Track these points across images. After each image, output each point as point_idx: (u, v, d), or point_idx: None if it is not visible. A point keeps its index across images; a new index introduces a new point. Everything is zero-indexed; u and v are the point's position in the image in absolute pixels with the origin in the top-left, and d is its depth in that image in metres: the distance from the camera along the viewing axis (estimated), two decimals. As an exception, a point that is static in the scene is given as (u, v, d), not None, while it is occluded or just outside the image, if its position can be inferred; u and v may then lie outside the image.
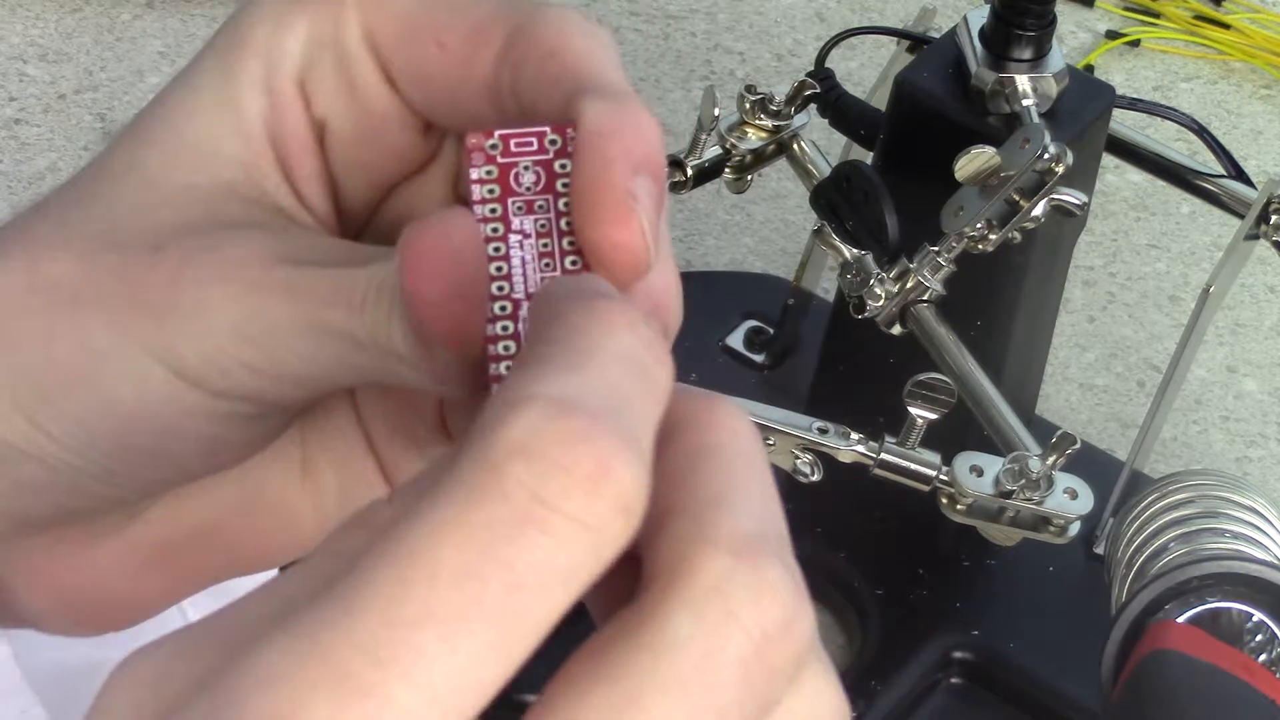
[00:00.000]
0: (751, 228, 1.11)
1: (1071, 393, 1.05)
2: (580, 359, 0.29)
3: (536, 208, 0.33)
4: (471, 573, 0.27)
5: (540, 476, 0.27)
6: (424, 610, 0.27)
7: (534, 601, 0.27)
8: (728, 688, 0.28)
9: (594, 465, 0.27)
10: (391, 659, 0.26)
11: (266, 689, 0.27)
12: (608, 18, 1.22)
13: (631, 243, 0.33)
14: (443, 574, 0.27)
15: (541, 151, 0.33)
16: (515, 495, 0.27)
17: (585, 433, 0.27)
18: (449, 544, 0.27)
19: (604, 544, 0.28)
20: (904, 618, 0.91)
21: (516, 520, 0.27)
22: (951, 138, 0.82)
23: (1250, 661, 0.79)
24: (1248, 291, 1.11)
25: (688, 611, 0.28)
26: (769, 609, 0.28)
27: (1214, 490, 0.85)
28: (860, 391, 0.90)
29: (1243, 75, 1.23)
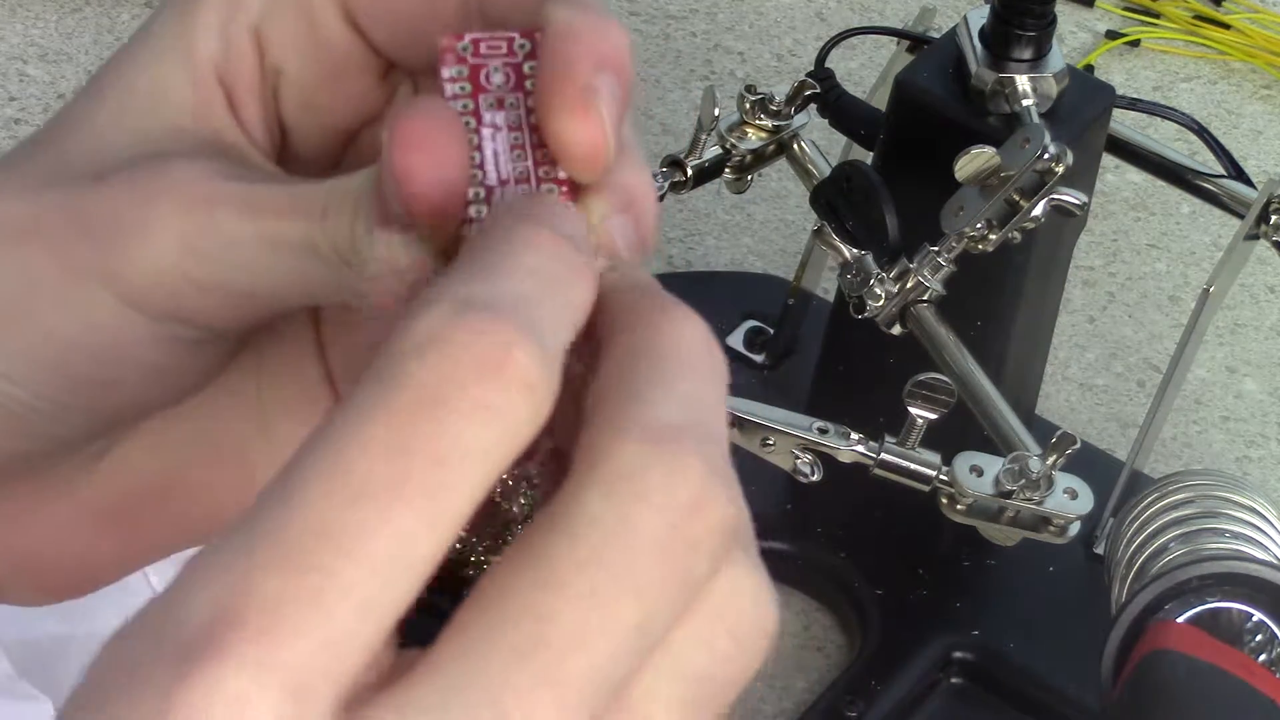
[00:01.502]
0: (751, 228, 1.11)
1: (1071, 393, 1.05)
2: (492, 269, 0.31)
3: (507, 104, 0.35)
4: (396, 449, 0.29)
5: (448, 363, 0.29)
6: (357, 488, 0.28)
7: (456, 476, 0.29)
8: (644, 565, 0.29)
9: (495, 351, 0.29)
10: (331, 535, 0.28)
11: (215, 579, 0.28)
12: (608, 18, 1.22)
13: (590, 134, 0.34)
14: (371, 453, 0.29)
15: (511, 55, 0.35)
16: (427, 380, 0.29)
17: (487, 324, 0.29)
18: (373, 426, 0.29)
19: (514, 423, 0.29)
20: (904, 618, 0.91)
21: (430, 402, 0.29)
22: (951, 138, 0.82)
23: (1250, 661, 0.79)
24: (1248, 291, 1.11)
25: (598, 493, 0.29)
26: (679, 492, 0.29)
27: (1214, 490, 0.85)
28: (860, 391, 0.90)
29: (1243, 75, 1.23)
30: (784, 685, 0.91)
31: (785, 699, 0.91)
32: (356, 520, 0.28)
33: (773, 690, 0.91)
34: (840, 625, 0.94)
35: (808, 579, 0.94)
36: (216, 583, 0.28)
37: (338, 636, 0.28)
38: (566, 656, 0.29)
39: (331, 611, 0.28)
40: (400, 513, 0.29)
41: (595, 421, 0.30)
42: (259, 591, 0.28)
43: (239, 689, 0.27)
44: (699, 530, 0.30)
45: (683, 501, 0.30)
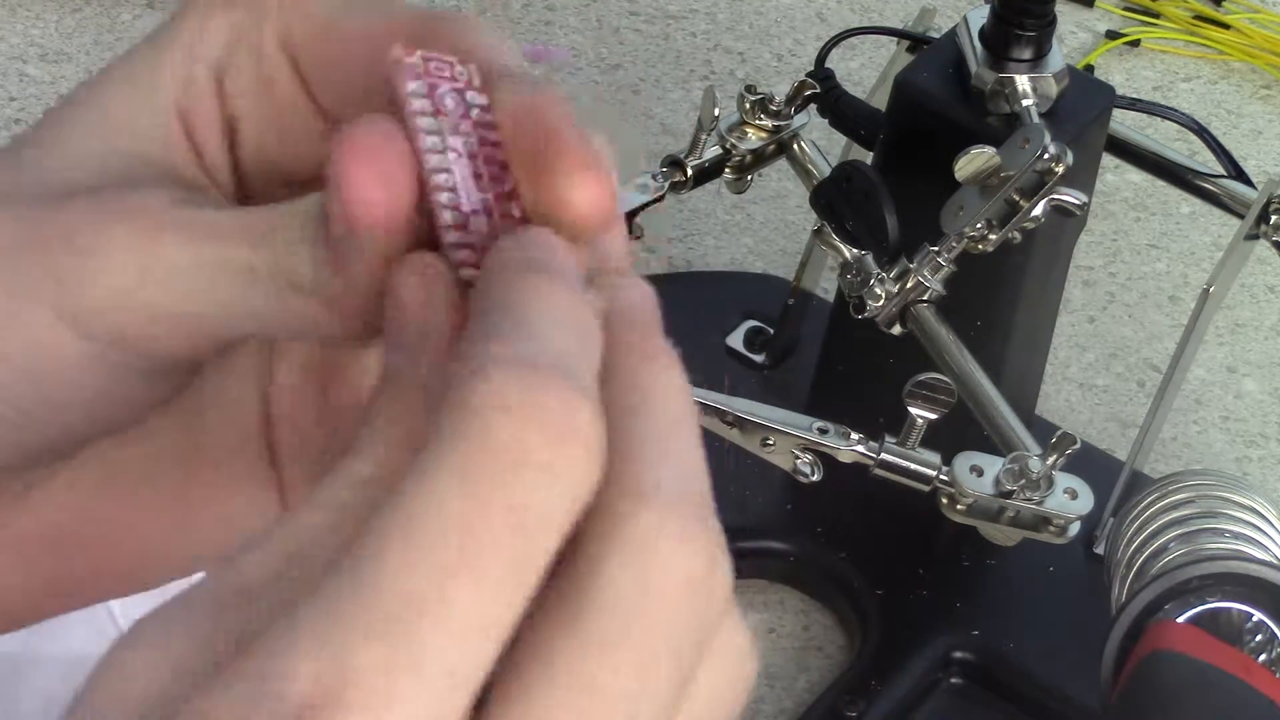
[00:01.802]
0: (751, 228, 1.11)
1: (1071, 393, 1.05)
2: (528, 326, 0.31)
3: (461, 130, 0.35)
4: (479, 518, 0.29)
5: (522, 426, 0.30)
6: (443, 558, 0.29)
7: (534, 540, 0.30)
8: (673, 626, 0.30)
9: (564, 413, 0.30)
10: (423, 605, 0.29)
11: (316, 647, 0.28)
12: (608, 18, 1.22)
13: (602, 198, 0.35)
14: (453, 521, 0.29)
15: (454, 80, 0.35)
16: (504, 445, 0.30)
17: (551, 386, 0.30)
18: (454, 494, 0.29)
19: (580, 483, 0.30)
20: (904, 618, 0.91)
21: (509, 466, 0.30)
22: (951, 138, 0.82)
23: (1250, 661, 0.79)
24: (1248, 291, 1.11)
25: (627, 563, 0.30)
26: (694, 557, 0.31)
27: (1214, 490, 0.85)
28: (860, 391, 0.90)
29: (1243, 75, 1.23)
30: (784, 685, 0.91)
31: (785, 699, 0.91)
32: (445, 589, 0.29)
33: (773, 690, 0.91)
34: (840, 625, 0.94)
35: (808, 579, 0.94)
36: (313, 655, 0.28)
37: (436, 708, 0.29)
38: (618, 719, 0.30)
39: (430, 683, 0.29)
40: (485, 581, 0.29)
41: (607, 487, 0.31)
42: (360, 664, 0.28)
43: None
44: (713, 593, 0.31)
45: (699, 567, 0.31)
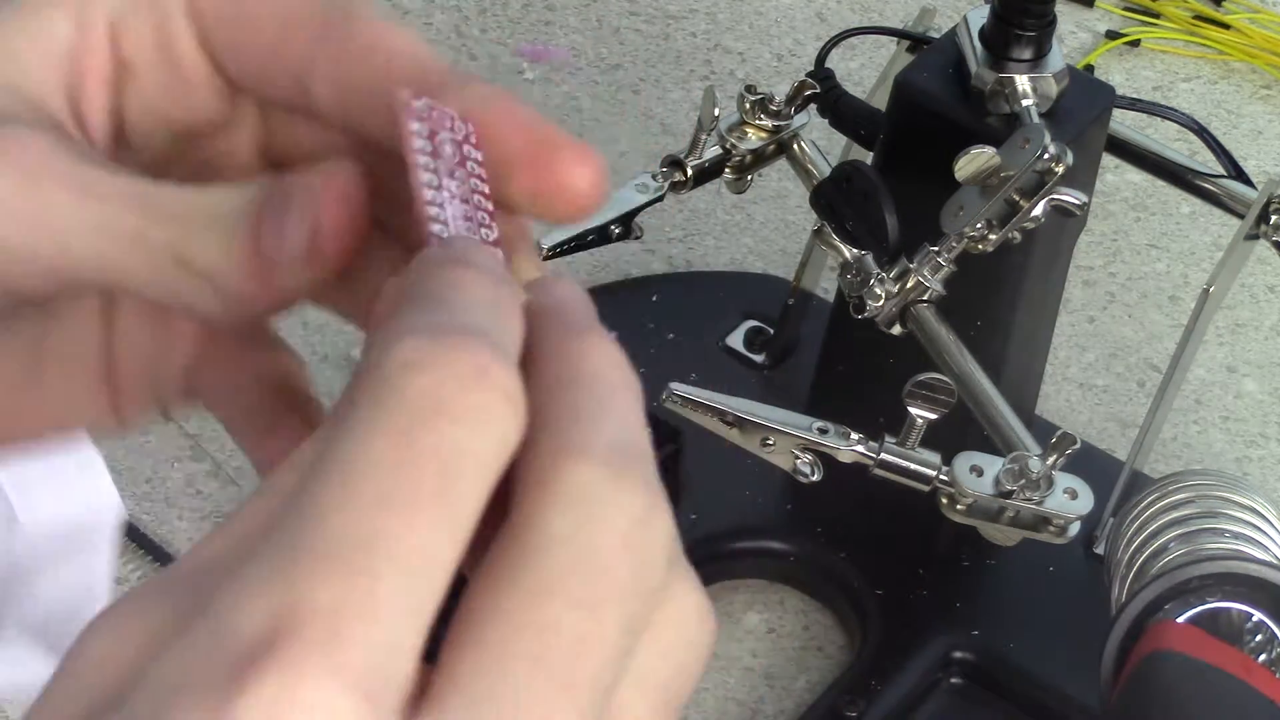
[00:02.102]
0: (751, 228, 1.11)
1: (1071, 393, 1.05)
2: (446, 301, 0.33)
3: (455, 175, 0.37)
4: (406, 460, 0.30)
5: (434, 380, 0.31)
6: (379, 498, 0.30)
7: (463, 481, 0.31)
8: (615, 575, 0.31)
9: (476, 365, 0.31)
10: (368, 542, 0.30)
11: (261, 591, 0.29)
12: (608, 18, 1.22)
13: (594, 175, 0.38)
14: (384, 465, 0.30)
15: (454, 131, 0.37)
16: (418, 398, 0.31)
17: (463, 343, 0.31)
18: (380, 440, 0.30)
19: (504, 430, 0.32)
20: (904, 618, 0.91)
21: (426, 416, 0.31)
22: (951, 138, 0.82)
23: (1250, 661, 0.79)
24: (1248, 291, 1.11)
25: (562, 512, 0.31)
26: (630, 507, 0.32)
27: (1214, 490, 0.85)
28: (860, 391, 0.90)
29: (1243, 75, 1.23)
30: (784, 685, 0.91)
31: (785, 699, 0.91)
32: (386, 527, 0.30)
33: (773, 690, 0.91)
34: (840, 625, 0.94)
35: (808, 579, 0.94)
36: (264, 594, 0.29)
37: (394, 639, 0.29)
38: (574, 662, 0.31)
39: (386, 614, 0.29)
40: (422, 517, 0.30)
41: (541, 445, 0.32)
42: (314, 599, 0.29)
43: (313, 696, 0.28)
44: (652, 541, 0.32)
45: (635, 516, 0.32)
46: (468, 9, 1.21)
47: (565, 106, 1.16)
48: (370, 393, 0.31)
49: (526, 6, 1.22)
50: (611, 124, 1.15)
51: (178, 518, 0.92)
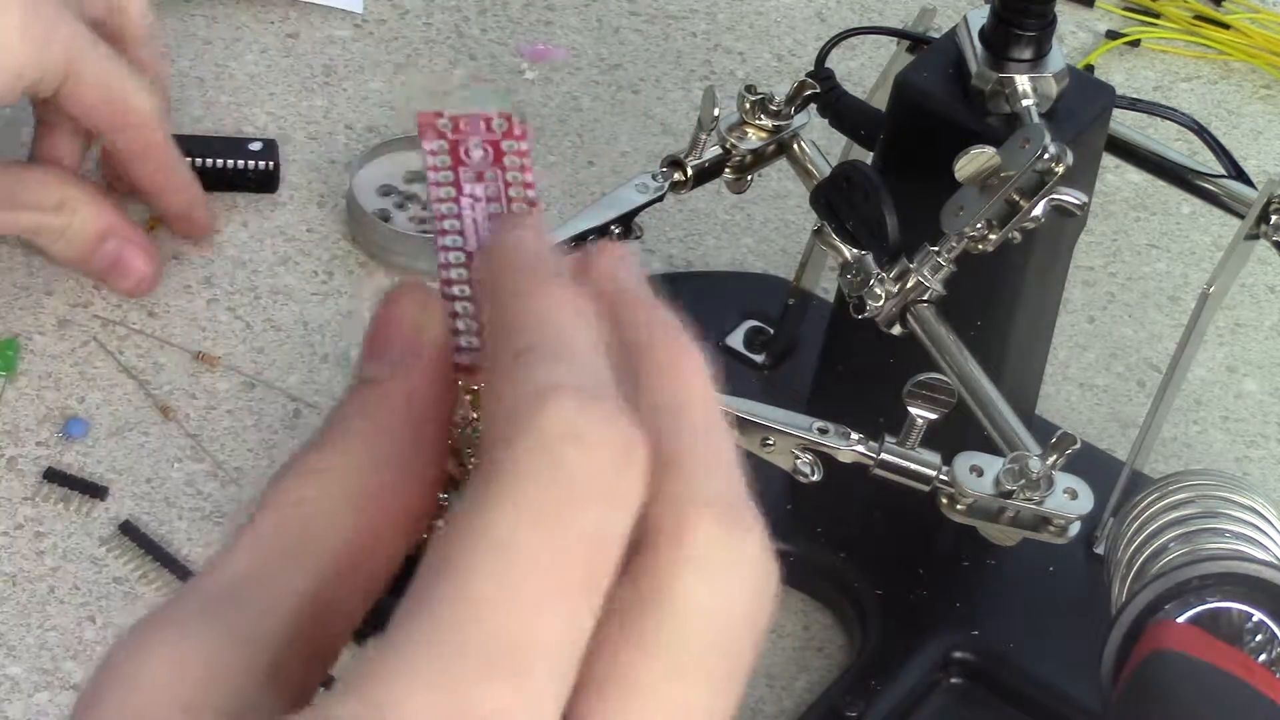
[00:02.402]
0: (751, 228, 1.11)
1: (1071, 393, 1.05)
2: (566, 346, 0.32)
3: (486, 178, 0.37)
4: (562, 549, 0.30)
5: (593, 457, 0.31)
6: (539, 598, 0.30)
7: (605, 565, 0.31)
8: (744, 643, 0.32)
9: (625, 441, 0.31)
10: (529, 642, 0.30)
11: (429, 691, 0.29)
12: (608, 18, 1.22)
13: None
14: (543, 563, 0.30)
15: (489, 132, 0.37)
16: (578, 475, 0.31)
17: (611, 414, 0.31)
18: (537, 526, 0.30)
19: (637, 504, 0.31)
20: (904, 618, 0.91)
21: (585, 497, 0.30)
22: (951, 138, 0.82)
23: (1250, 661, 0.79)
24: (1248, 291, 1.11)
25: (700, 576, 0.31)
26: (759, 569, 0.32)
27: (1214, 490, 0.85)
28: (860, 391, 0.90)
29: (1243, 75, 1.23)
30: (784, 685, 0.91)
31: (785, 699, 0.91)
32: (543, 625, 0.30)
33: (773, 690, 0.91)
34: (840, 625, 0.93)
35: (808, 579, 0.94)
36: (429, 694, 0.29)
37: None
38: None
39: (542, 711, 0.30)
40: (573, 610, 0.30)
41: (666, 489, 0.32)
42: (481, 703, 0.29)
43: None
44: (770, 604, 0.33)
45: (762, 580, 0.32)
46: (468, 9, 1.21)
47: (565, 106, 1.16)
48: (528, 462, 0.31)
49: (526, 6, 1.22)
50: (611, 124, 1.15)
51: (178, 518, 0.92)
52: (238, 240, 1.05)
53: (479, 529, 0.30)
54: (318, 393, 0.98)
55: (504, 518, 0.30)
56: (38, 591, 0.89)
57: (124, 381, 0.97)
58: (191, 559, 0.91)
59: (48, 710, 0.85)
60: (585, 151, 1.13)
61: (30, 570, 0.89)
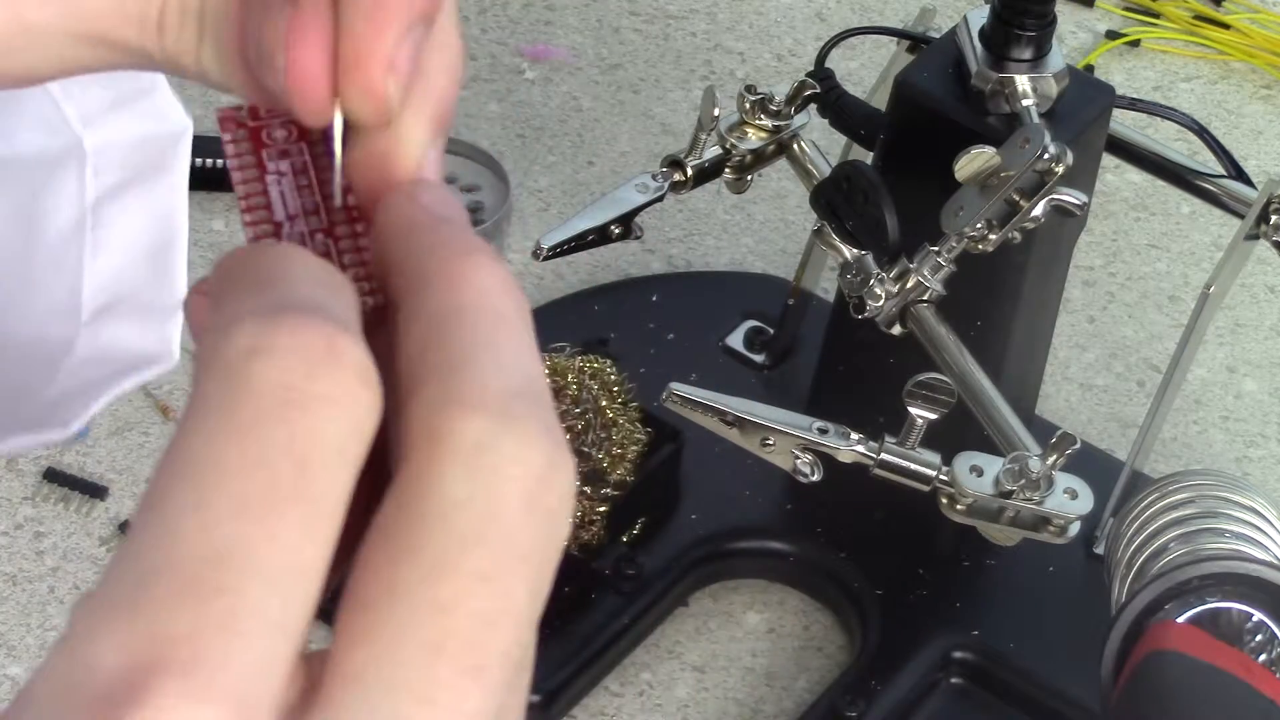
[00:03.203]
0: (751, 228, 1.11)
1: (1071, 393, 1.05)
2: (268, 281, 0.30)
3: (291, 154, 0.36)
4: (256, 461, 0.28)
5: (280, 365, 0.29)
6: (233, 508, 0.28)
7: (323, 477, 0.28)
8: (520, 533, 0.29)
9: (324, 345, 0.29)
10: (224, 558, 0.28)
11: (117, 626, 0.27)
12: (608, 18, 1.22)
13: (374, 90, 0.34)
14: (235, 470, 0.28)
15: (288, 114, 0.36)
16: (264, 387, 0.29)
17: (305, 322, 0.29)
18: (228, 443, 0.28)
19: (360, 413, 0.29)
20: (904, 618, 0.91)
21: (277, 407, 0.28)
22: (951, 138, 0.82)
23: (1250, 661, 0.79)
24: (1248, 291, 1.11)
25: (459, 473, 0.29)
26: (532, 457, 0.29)
27: (1214, 490, 0.85)
28: (860, 391, 0.90)
29: (1243, 75, 1.23)
30: (784, 685, 0.91)
31: (785, 699, 0.91)
32: (244, 538, 0.28)
33: (773, 690, 0.91)
34: (840, 625, 0.94)
35: (808, 579, 0.94)
36: (122, 628, 0.27)
37: (261, 657, 0.27)
38: (483, 643, 0.28)
39: (249, 632, 0.27)
40: (283, 522, 0.28)
41: (427, 395, 0.30)
42: (171, 625, 0.27)
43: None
44: (558, 498, 0.30)
45: (537, 471, 0.29)
46: (468, 9, 1.21)
47: (565, 106, 1.16)
48: (213, 386, 0.29)
49: (526, 6, 1.22)
50: (611, 124, 1.15)
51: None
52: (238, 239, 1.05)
53: (171, 458, 0.29)
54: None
55: (192, 441, 0.28)
56: (38, 591, 0.89)
57: (124, 381, 0.97)
58: (191, 559, 0.91)
59: (48, 710, 0.85)
60: (585, 151, 1.13)
61: (30, 570, 0.89)
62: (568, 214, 1.03)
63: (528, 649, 0.29)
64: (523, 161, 1.12)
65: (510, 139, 1.13)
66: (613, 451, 0.91)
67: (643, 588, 0.90)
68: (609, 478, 0.90)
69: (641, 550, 0.91)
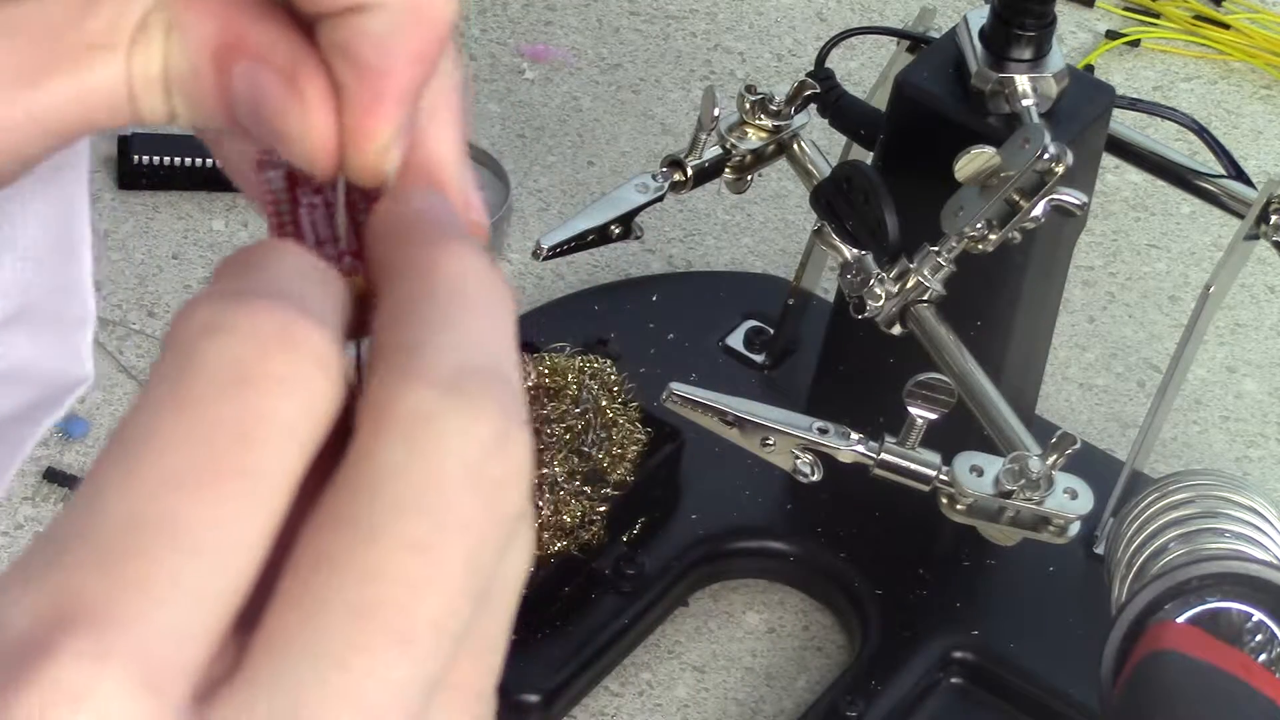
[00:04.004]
0: (751, 228, 1.11)
1: (1071, 393, 1.05)
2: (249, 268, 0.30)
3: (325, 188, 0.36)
4: (199, 434, 0.28)
5: (233, 345, 0.28)
6: (166, 477, 0.28)
7: (267, 455, 0.28)
8: (459, 507, 0.28)
9: (279, 328, 0.29)
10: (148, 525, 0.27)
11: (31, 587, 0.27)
12: (608, 18, 1.22)
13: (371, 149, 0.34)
14: (175, 441, 0.28)
15: None
16: (215, 365, 0.28)
17: (265, 305, 0.29)
18: (172, 415, 0.28)
19: (313, 396, 0.29)
20: (904, 618, 0.91)
21: (225, 384, 0.28)
22: (951, 138, 0.82)
23: (1250, 661, 0.79)
24: (1248, 291, 1.11)
25: (397, 441, 0.28)
26: (478, 429, 0.29)
27: (1214, 490, 0.85)
28: (860, 391, 0.90)
29: (1243, 75, 1.23)
30: (784, 685, 0.91)
31: (785, 699, 0.91)
32: (171, 507, 0.28)
33: (773, 690, 0.91)
34: (840, 625, 0.94)
35: (808, 579, 0.94)
36: (33, 590, 0.27)
37: (176, 624, 0.27)
38: (410, 612, 0.28)
39: (163, 598, 0.27)
40: (216, 494, 0.28)
41: (381, 371, 0.29)
42: (82, 587, 0.27)
43: (81, 682, 0.26)
44: (505, 472, 0.29)
45: (483, 443, 0.29)
46: (468, 9, 1.21)
47: (565, 106, 1.16)
48: (166, 361, 0.29)
49: (526, 6, 1.22)
50: (611, 124, 1.15)
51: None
52: (238, 239, 1.05)
53: (117, 432, 0.28)
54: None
55: (139, 415, 0.28)
56: (38, 591, 0.89)
57: (124, 381, 0.97)
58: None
59: (48, 710, 0.85)
60: (585, 151, 1.13)
61: (30, 570, 0.89)
62: (568, 214, 1.03)
63: (473, 623, 0.29)
64: (523, 161, 1.12)
65: (510, 139, 1.13)
66: (613, 451, 0.91)
67: (643, 588, 0.90)
68: (609, 478, 0.91)
69: (641, 550, 0.91)
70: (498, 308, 0.31)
